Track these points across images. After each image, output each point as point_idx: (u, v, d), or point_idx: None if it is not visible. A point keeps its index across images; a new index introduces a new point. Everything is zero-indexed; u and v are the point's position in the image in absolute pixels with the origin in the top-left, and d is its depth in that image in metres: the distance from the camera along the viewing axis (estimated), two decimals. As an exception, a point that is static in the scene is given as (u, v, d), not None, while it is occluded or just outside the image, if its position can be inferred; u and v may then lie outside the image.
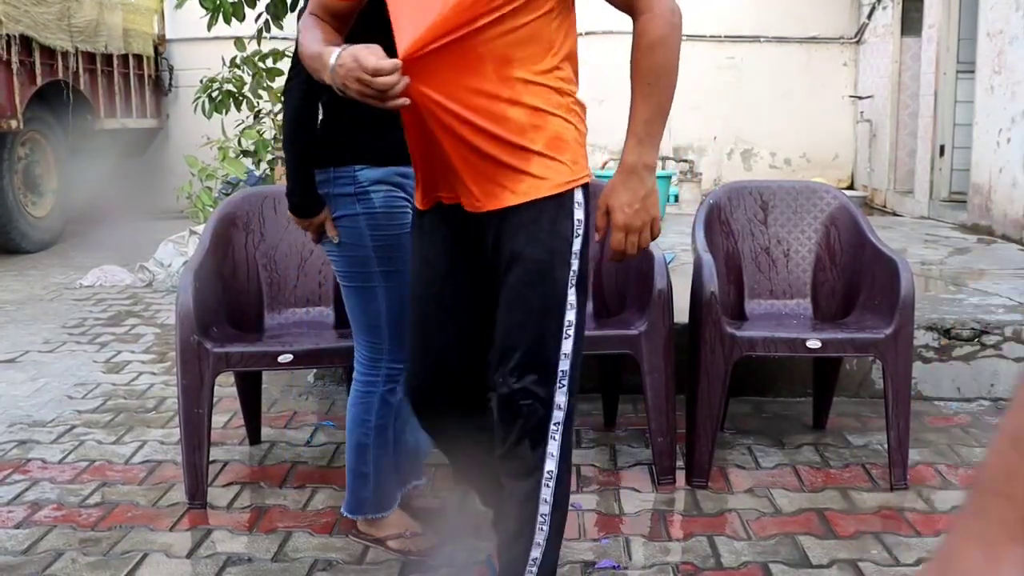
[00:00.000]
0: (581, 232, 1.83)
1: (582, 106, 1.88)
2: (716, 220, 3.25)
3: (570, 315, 1.81)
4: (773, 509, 2.72)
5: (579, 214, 1.83)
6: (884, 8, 9.19)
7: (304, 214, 2.24)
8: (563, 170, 1.81)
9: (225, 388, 3.51)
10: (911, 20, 8.62)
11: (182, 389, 2.68)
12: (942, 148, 7.75)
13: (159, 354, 4.41)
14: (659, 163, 10.11)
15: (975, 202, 6.85)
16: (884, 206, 9.02)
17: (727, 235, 3.27)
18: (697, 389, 2.86)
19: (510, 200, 1.80)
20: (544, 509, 1.85)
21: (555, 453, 1.83)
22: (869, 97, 9.54)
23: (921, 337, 3.60)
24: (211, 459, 2.84)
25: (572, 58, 1.86)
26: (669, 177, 7.49)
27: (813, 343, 2.80)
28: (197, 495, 2.72)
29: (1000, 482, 0.42)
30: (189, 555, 2.45)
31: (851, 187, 9.96)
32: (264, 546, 2.50)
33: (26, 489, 2.87)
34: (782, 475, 2.96)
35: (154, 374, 4.09)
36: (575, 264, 1.82)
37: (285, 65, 6.51)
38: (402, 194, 2.23)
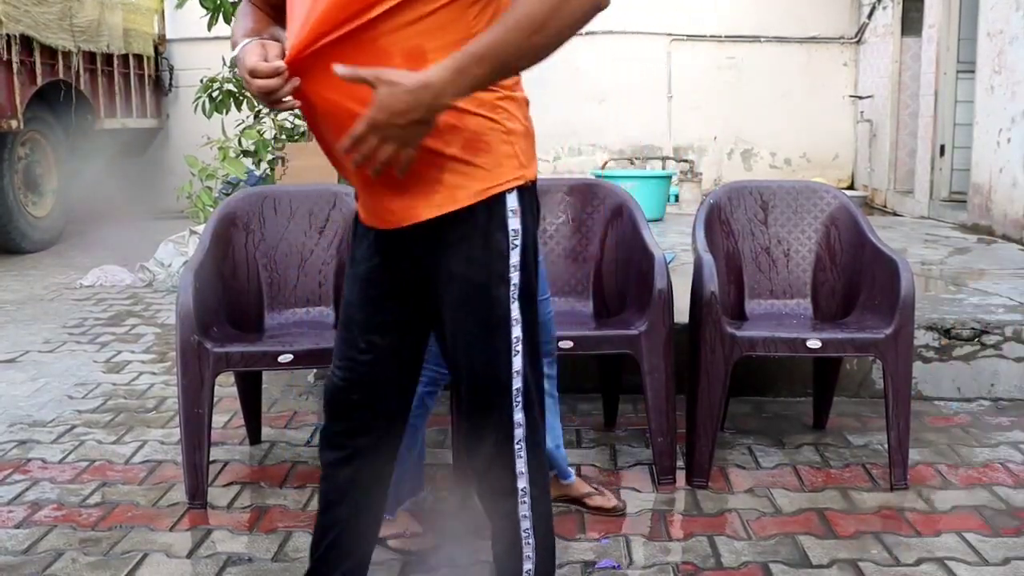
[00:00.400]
0: (519, 242, 1.68)
1: (518, 100, 1.69)
2: (716, 220, 3.25)
3: (516, 330, 1.70)
4: (773, 509, 2.72)
5: (514, 223, 1.68)
6: (884, 8, 9.19)
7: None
8: (480, 175, 1.63)
9: (225, 388, 3.51)
10: (911, 20, 8.62)
11: (182, 389, 2.68)
12: (942, 148, 7.75)
13: (159, 354, 4.41)
14: (659, 163, 10.00)
15: (975, 202, 6.85)
16: (884, 206, 9.02)
17: (727, 235, 3.27)
18: (697, 389, 2.86)
19: (425, 213, 1.64)
20: (525, 524, 1.80)
21: (524, 470, 1.76)
22: (869, 97, 9.54)
23: (921, 337, 3.60)
24: (211, 459, 2.84)
25: None
26: (669, 177, 7.49)
27: (813, 343, 2.80)
28: (197, 495, 2.72)
29: None
30: (189, 555, 2.45)
31: (851, 187, 9.96)
32: (264, 546, 2.50)
33: (26, 489, 2.87)
34: (782, 475, 2.96)
35: (154, 374, 4.09)
36: (515, 277, 1.69)
37: (285, 65, 6.49)
38: None
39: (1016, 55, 6.28)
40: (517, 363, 1.72)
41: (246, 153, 6.21)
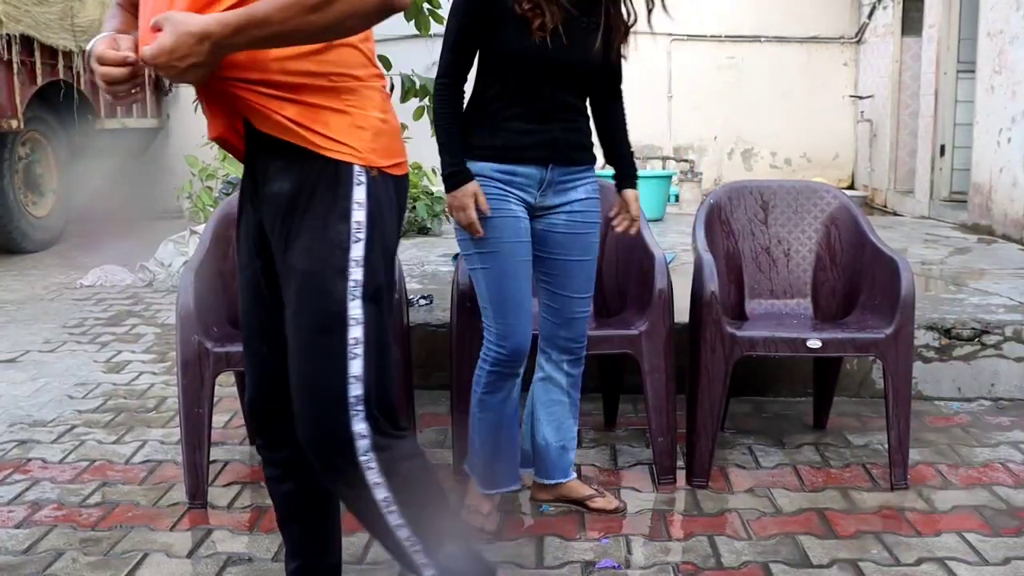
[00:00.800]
0: (363, 236, 1.61)
1: (370, 93, 1.65)
2: (717, 220, 3.25)
3: (356, 331, 1.59)
4: (773, 509, 2.72)
5: (359, 215, 1.61)
6: (884, 8, 9.20)
7: (461, 181, 2.39)
8: (319, 140, 1.59)
9: (225, 388, 3.51)
10: (911, 20, 8.62)
11: (182, 389, 2.68)
12: (942, 148, 7.75)
13: (160, 354, 4.41)
14: (659, 163, 10.01)
15: (975, 202, 6.85)
16: (884, 206, 9.02)
17: (727, 235, 3.27)
18: (697, 389, 2.86)
19: (277, 131, 1.59)
20: (404, 533, 1.65)
21: (380, 480, 1.61)
22: (869, 97, 9.54)
23: (921, 337, 3.60)
24: (211, 459, 2.85)
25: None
26: (669, 177, 7.49)
27: (813, 343, 2.80)
28: (197, 495, 2.72)
29: None
30: (189, 555, 2.45)
31: (851, 187, 9.97)
32: (265, 546, 2.50)
33: (26, 489, 2.87)
34: (782, 475, 2.96)
35: (155, 374, 4.09)
36: (357, 273, 1.60)
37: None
38: (495, 185, 2.43)
39: (1016, 55, 6.28)
40: (355, 367, 1.59)
41: (246, 153, 6.21)
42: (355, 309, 1.59)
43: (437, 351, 3.64)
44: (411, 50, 7.72)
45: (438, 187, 6.71)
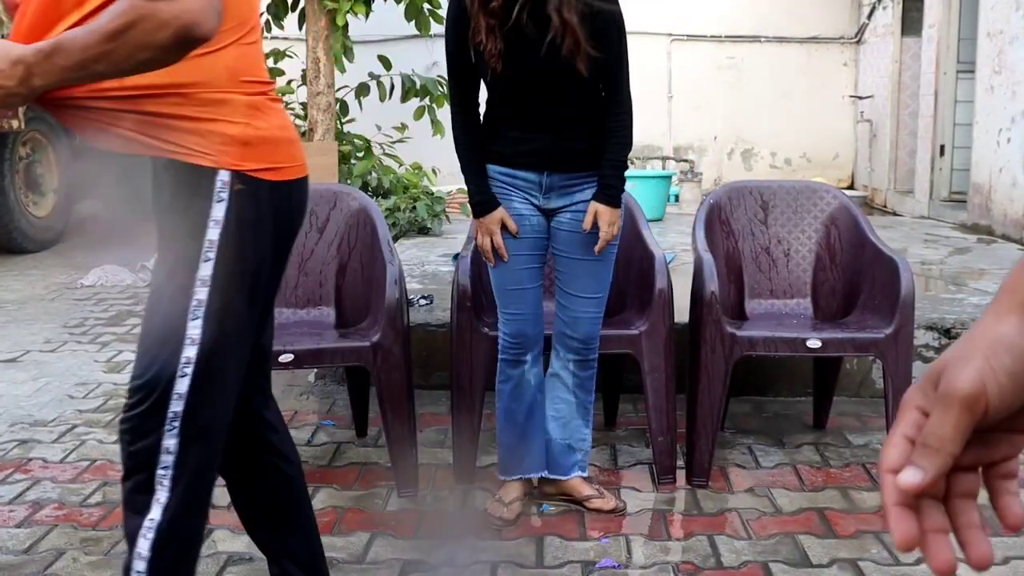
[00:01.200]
0: (212, 256, 1.56)
1: (232, 102, 1.61)
2: (716, 220, 3.26)
3: (189, 351, 1.57)
4: (773, 509, 2.72)
5: (212, 234, 1.57)
6: (884, 8, 9.20)
7: (488, 209, 2.51)
8: (165, 148, 1.56)
9: (226, 388, 3.50)
10: (911, 20, 8.63)
11: (183, 389, 2.68)
12: (942, 148, 7.75)
13: (160, 354, 4.41)
14: (659, 163, 10.00)
15: (975, 202, 6.85)
16: (884, 206, 9.02)
17: (727, 235, 3.27)
18: (697, 389, 2.87)
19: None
20: (139, 566, 1.63)
21: (163, 501, 1.60)
22: (869, 97, 9.54)
23: (921, 337, 3.60)
24: (212, 458, 2.84)
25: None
26: (669, 177, 7.50)
27: (813, 343, 2.80)
28: (198, 494, 2.72)
29: (1011, 282, 0.64)
30: (190, 554, 2.45)
31: (851, 187, 9.97)
32: (265, 545, 2.50)
33: (27, 488, 2.87)
34: (782, 475, 2.97)
35: (155, 374, 4.09)
36: (201, 294, 1.56)
37: (286, 65, 6.52)
38: (499, 184, 2.55)
39: (1016, 55, 6.28)
40: (182, 386, 1.57)
41: (247, 153, 6.21)
42: (194, 330, 1.57)
43: (437, 351, 3.65)
44: (411, 50, 7.72)
45: (438, 187, 6.71)
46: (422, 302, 3.92)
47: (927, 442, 0.58)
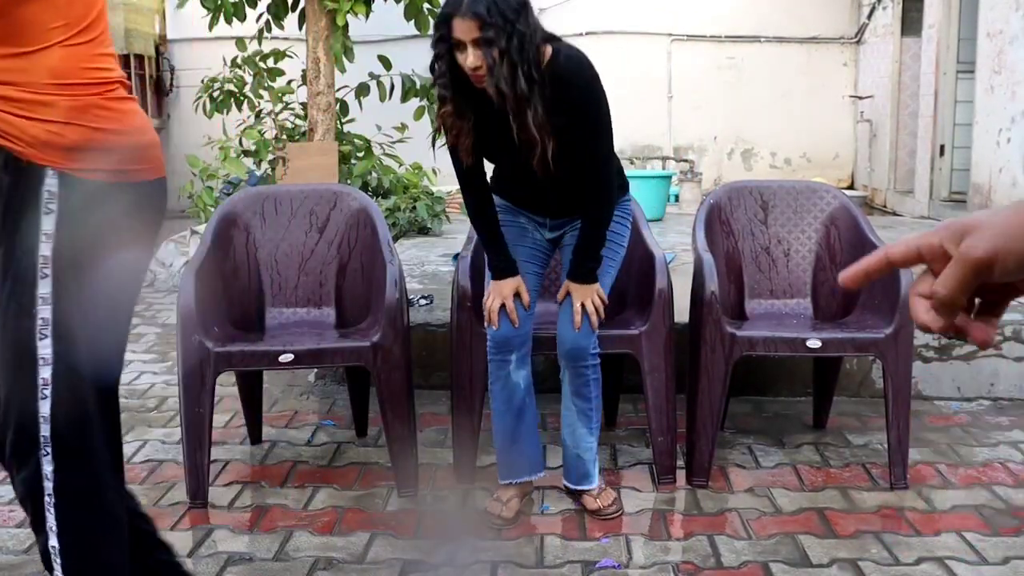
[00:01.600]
0: (49, 272, 1.52)
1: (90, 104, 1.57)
2: (716, 220, 3.26)
3: (44, 372, 1.54)
4: (773, 508, 2.72)
5: (45, 249, 1.52)
6: (884, 8, 9.20)
7: (506, 274, 2.59)
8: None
9: (226, 388, 3.51)
10: (911, 20, 8.62)
11: (183, 388, 2.68)
12: (942, 148, 7.75)
13: (160, 354, 4.41)
14: (659, 163, 9.99)
15: (975, 202, 6.85)
16: (884, 206, 9.02)
17: (727, 235, 3.27)
18: (697, 389, 2.87)
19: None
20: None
21: (54, 527, 1.57)
22: (869, 97, 9.54)
23: (921, 336, 3.60)
24: (212, 458, 2.85)
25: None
26: (669, 177, 7.50)
27: (813, 343, 2.80)
28: (198, 494, 2.73)
29: None
30: (190, 554, 2.46)
31: (851, 187, 9.97)
32: (265, 545, 2.51)
33: (28, 488, 2.87)
34: (782, 475, 2.97)
35: (155, 373, 4.09)
36: (44, 312, 1.52)
37: (286, 65, 6.52)
38: (506, 206, 2.69)
39: (1016, 55, 6.28)
40: (44, 408, 1.54)
41: (247, 153, 6.21)
42: (44, 349, 1.54)
43: (437, 351, 3.65)
44: (411, 50, 7.71)
45: (438, 187, 6.71)
46: (422, 302, 3.92)
47: (939, 290, 0.72)
